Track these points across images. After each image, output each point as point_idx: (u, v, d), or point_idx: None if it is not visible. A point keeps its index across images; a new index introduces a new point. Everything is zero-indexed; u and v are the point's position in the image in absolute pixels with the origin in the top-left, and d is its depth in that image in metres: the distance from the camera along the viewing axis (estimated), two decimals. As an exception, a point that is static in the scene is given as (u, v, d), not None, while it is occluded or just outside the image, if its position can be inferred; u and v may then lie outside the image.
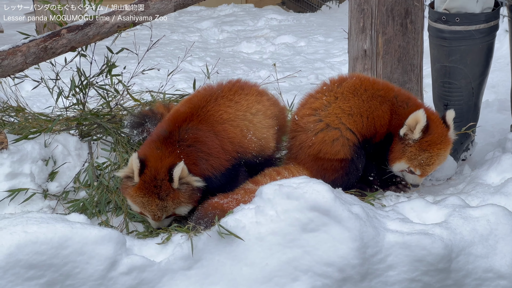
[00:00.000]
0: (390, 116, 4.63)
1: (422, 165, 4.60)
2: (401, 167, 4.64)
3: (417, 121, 4.50)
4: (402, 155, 4.60)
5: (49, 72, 5.24)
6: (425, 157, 4.58)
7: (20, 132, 4.90)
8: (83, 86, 5.15)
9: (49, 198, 4.63)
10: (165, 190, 4.06)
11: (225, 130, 4.33)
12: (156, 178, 4.05)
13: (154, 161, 4.08)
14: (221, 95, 4.46)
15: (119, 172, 4.17)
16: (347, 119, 4.58)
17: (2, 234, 3.59)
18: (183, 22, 13.73)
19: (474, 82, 5.14)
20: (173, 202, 4.09)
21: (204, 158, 4.20)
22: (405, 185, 4.83)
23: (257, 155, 4.47)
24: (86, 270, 3.68)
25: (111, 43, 5.12)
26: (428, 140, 4.57)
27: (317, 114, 4.63)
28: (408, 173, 4.67)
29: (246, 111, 4.47)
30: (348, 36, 5.72)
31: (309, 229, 3.83)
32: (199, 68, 9.56)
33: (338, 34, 11.75)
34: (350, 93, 4.64)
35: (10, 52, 4.77)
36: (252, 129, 4.44)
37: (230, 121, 4.37)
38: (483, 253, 3.99)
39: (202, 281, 3.82)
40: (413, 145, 4.57)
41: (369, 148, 4.67)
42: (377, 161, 4.72)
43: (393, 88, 4.72)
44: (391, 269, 3.89)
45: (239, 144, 4.36)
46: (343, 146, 4.57)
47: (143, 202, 4.09)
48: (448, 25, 5.05)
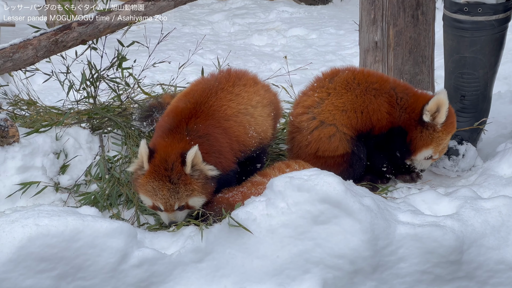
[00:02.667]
0: (389, 108, 4.60)
1: (444, 148, 4.67)
2: (427, 154, 4.66)
3: (439, 105, 4.54)
4: (431, 141, 4.61)
5: (60, 65, 5.25)
6: (448, 139, 4.65)
7: (32, 126, 4.91)
8: (93, 80, 5.15)
9: (61, 191, 4.64)
10: (177, 173, 3.95)
11: (231, 128, 4.25)
12: (166, 160, 3.95)
13: (164, 148, 3.99)
14: (220, 87, 4.36)
15: (130, 167, 4.12)
16: (341, 116, 4.55)
17: (14, 227, 3.60)
18: (194, 15, 13.73)
19: (490, 72, 5.14)
20: (185, 188, 3.98)
21: (215, 154, 4.11)
22: (418, 174, 4.82)
23: (255, 149, 4.40)
24: (98, 263, 3.68)
25: (122, 36, 5.11)
26: (451, 121, 4.63)
27: (310, 112, 4.60)
28: (423, 160, 4.68)
29: (247, 104, 4.39)
30: (359, 28, 5.71)
31: (320, 221, 3.82)
32: (210, 61, 9.55)
33: (350, 26, 11.73)
34: (343, 89, 4.60)
35: (21, 46, 4.77)
36: (254, 123, 4.37)
37: (234, 117, 4.29)
38: (495, 245, 3.97)
39: (213, 273, 3.82)
40: (440, 129, 4.59)
41: (370, 142, 4.65)
42: (386, 152, 4.71)
43: (388, 80, 4.68)
44: (402, 261, 3.88)
45: (242, 143, 4.30)
46: (341, 141, 4.55)
47: (154, 188, 3.98)
48: (470, 16, 5.03)
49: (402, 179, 4.81)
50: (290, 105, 5.67)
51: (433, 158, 4.69)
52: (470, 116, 5.13)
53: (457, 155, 4.94)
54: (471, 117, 5.13)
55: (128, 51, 5.18)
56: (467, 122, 5.12)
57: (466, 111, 5.11)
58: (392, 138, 4.63)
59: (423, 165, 4.74)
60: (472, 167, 5.02)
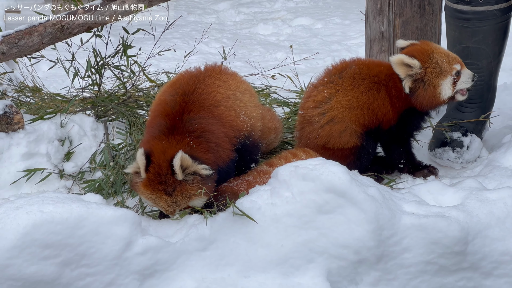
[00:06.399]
0: (390, 101, 4.59)
1: (450, 60, 4.61)
2: (449, 82, 4.59)
3: (401, 62, 4.53)
4: (439, 74, 4.57)
5: (65, 52, 5.24)
6: (440, 56, 4.59)
7: (37, 112, 4.91)
8: (98, 67, 5.15)
9: (65, 178, 4.65)
10: (171, 185, 3.89)
11: (223, 114, 4.15)
12: (160, 174, 3.89)
13: (158, 156, 3.90)
14: (207, 74, 4.28)
15: (128, 169, 4.05)
16: (349, 113, 4.53)
17: (19, 214, 3.60)
18: (200, 3, 13.70)
19: (494, 62, 5.13)
20: (182, 196, 3.92)
21: (214, 149, 4.04)
22: (435, 168, 4.80)
23: (248, 135, 4.29)
24: (102, 250, 3.68)
25: (127, 24, 5.10)
26: (424, 51, 4.60)
27: (320, 107, 4.58)
28: (460, 81, 4.63)
29: (236, 90, 4.31)
30: (365, 17, 5.69)
31: (325, 210, 3.82)
32: (215, 50, 9.54)
33: (355, 16, 11.69)
34: (349, 85, 4.57)
35: (26, 32, 4.76)
36: (243, 108, 4.28)
37: (224, 102, 4.19)
38: (500, 236, 3.97)
39: (217, 262, 3.82)
40: (428, 69, 4.55)
41: (384, 137, 4.64)
42: (406, 138, 4.70)
43: (381, 69, 4.66)
44: (407, 252, 3.87)
45: (236, 127, 4.20)
46: (351, 136, 4.54)
47: (153, 198, 3.96)
48: (472, 6, 5.01)
49: (421, 175, 4.76)
50: (296, 95, 5.68)
51: (459, 68, 4.62)
52: (475, 107, 5.12)
53: (462, 147, 4.92)
54: (476, 108, 5.12)
55: (133, 39, 5.17)
56: (472, 112, 5.11)
57: (471, 101, 5.09)
58: (406, 123, 4.62)
59: (467, 76, 4.67)
60: (477, 158, 5.01)
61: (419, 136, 4.92)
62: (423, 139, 5.04)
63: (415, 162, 4.77)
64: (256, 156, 4.44)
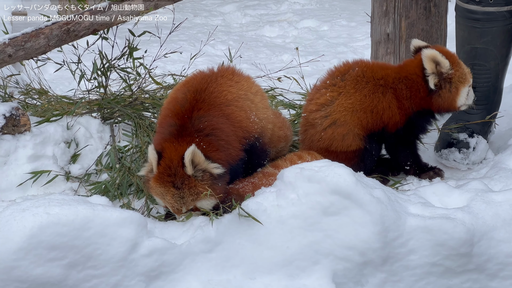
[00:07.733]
0: (398, 103, 4.58)
1: (469, 72, 4.65)
2: (466, 92, 4.61)
3: (433, 57, 4.51)
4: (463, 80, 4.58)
5: (71, 55, 5.26)
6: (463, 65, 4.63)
7: (43, 115, 4.92)
8: (104, 69, 5.16)
9: (71, 180, 4.66)
10: (180, 177, 3.91)
11: (233, 113, 4.16)
12: (170, 167, 3.92)
13: (170, 152, 3.93)
14: (220, 74, 4.29)
15: (141, 171, 4.09)
16: (352, 116, 4.52)
17: (25, 215, 3.61)
18: (206, 6, 13.72)
19: (501, 64, 5.12)
20: (189, 192, 3.93)
21: (224, 147, 4.05)
22: (441, 170, 4.79)
23: (258, 137, 4.30)
24: (108, 252, 3.69)
25: (133, 26, 5.12)
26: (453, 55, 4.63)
27: (323, 109, 4.57)
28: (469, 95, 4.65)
29: (248, 91, 4.32)
30: (371, 19, 5.69)
31: (330, 212, 3.82)
32: (221, 52, 9.55)
33: (361, 18, 11.70)
34: (352, 88, 4.55)
35: (33, 35, 4.78)
36: (254, 109, 4.29)
37: (235, 101, 4.21)
38: (506, 238, 3.96)
39: (223, 264, 3.83)
40: (454, 72, 4.56)
41: (391, 140, 4.64)
42: (413, 140, 4.70)
43: (388, 72, 4.65)
44: (413, 253, 3.87)
45: (245, 128, 4.21)
46: (354, 139, 4.53)
47: (161, 192, 3.97)
48: (482, 6, 5.01)
49: (427, 177, 4.75)
50: (302, 97, 5.68)
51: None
52: (482, 108, 5.11)
53: (468, 148, 4.92)
54: (483, 109, 5.11)
55: (139, 41, 5.19)
56: (479, 114, 5.10)
57: (477, 103, 5.09)
58: (415, 126, 4.61)
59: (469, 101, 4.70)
60: (483, 160, 5.00)
61: (425, 139, 4.92)
62: (428, 141, 5.04)
63: (421, 164, 4.76)
64: (264, 161, 4.45)
